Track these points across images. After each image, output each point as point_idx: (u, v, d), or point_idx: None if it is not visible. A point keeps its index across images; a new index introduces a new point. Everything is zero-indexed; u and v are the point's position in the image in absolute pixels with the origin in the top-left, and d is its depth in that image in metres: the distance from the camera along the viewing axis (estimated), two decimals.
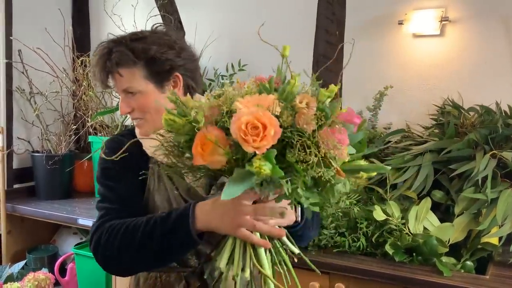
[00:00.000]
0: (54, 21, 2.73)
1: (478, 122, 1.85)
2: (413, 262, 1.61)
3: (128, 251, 1.06)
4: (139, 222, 1.08)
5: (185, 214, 1.02)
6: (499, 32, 1.98)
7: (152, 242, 1.04)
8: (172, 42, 1.20)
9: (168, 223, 1.03)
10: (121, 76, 1.16)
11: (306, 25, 2.33)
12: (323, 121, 0.86)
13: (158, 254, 1.05)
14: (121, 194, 1.18)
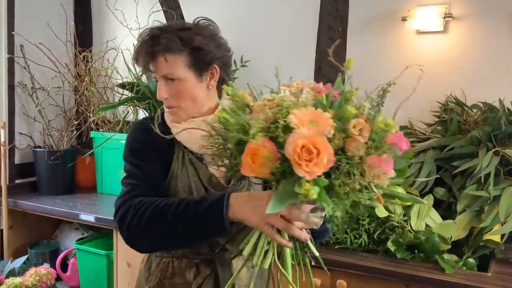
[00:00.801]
0: (56, 16, 2.73)
1: (481, 119, 1.85)
2: (415, 259, 1.61)
3: (156, 228, 1.09)
4: (170, 202, 1.10)
5: (220, 201, 1.04)
6: (503, 29, 1.97)
7: (181, 223, 1.07)
8: (213, 34, 1.25)
9: (202, 207, 1.06)
10: (166, 61, 1.18)
11: (309, 21, 2.32)
12: (373, 151, 0.85)
13: (185, 236, 1.08)
14: (148, 173, 1.20)
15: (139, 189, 1.18)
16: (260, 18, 2.49)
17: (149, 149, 1.22)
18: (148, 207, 1.10)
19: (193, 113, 1.23)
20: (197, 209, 1.06)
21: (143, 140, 1.23)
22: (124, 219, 1.12)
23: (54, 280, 2.05)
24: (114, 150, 2.53)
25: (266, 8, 2.47)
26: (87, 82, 2.62)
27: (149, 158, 1.22)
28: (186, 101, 1.21)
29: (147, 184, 1.19)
